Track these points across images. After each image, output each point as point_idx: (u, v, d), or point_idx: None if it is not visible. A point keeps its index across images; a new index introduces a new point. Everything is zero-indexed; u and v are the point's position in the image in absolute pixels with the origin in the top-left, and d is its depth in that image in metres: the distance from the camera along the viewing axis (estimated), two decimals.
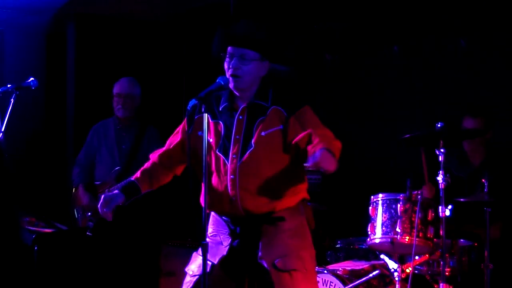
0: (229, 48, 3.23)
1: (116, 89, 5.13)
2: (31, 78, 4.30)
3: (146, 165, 3.42)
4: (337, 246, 4.69)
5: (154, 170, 3.39)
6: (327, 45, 5.26)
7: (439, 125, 3.96)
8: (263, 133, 3.19)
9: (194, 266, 3.27)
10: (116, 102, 5.10)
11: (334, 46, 5.25)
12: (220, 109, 3.31)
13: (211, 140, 3.29)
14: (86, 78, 6.39)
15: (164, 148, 3.43)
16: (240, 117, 3.26)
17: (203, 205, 3.06)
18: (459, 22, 4.97)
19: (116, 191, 3.34)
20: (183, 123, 3.41)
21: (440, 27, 5.05)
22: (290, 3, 5.33)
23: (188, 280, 3.25)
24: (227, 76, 3.22)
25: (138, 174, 3.39)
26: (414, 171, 4.31)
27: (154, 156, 3.44)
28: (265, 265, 3.17)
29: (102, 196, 3.30)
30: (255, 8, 5.26)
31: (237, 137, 3.23)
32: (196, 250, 3.29)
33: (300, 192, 3.28)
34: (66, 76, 6.50)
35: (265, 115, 3.21)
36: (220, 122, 3.30)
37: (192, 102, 3.08)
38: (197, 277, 3.21)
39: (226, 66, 3.23)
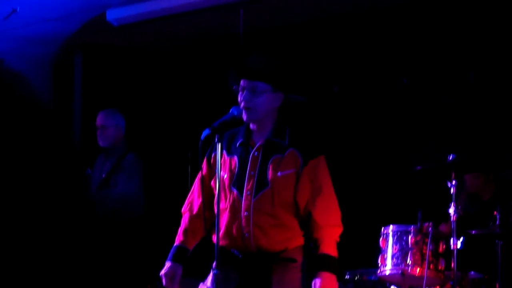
0: (241, 81, 3.23)
1: (96, 121, 5.41)
2: None
3: (183, 222, 3.39)
4: (346, 277, 4.64)
5: (192, 224, 3.36)
6: (335, 77, 5.25)
7: (450, 157, 3.93)
8: (279, 174, 3.18)
9: None
10: (97, 132, 5.36)
11: (342, 77, 5.24)
12: (237, 145, 3.29)
13: (225, 176, 3.28)
14: (93, 109, 6.35)
15: (191, 198, 3.39)
16: (256, 154, 3.24)
17: (214, 240, 3.07)
18: (469, 55, 4.97)
19: (169, 263, 3.31)
20: (204, 169, 3.37)
21: (450, 60, 5.05)
22: (300, 36, 5.34)
23: None
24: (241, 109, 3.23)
25: (180, 236, 3.36)
26: (424, 203, 4.26)
27: (185, 211, 3.40)
28: None
29: (162, 276, 3.28)
30: (265, 40, 5.28)
31: (252, 173, 3.21)
32: (204, 281, 3.26)
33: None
34: (73, 106, 6.51)
35: (283, 155, 3.20)
36: (235, 157, 3.28)
37: (206, 132, 3.07)
38: None
39: (239, 99, 3.23)
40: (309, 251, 3.22)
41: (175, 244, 3.36)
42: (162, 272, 3.29)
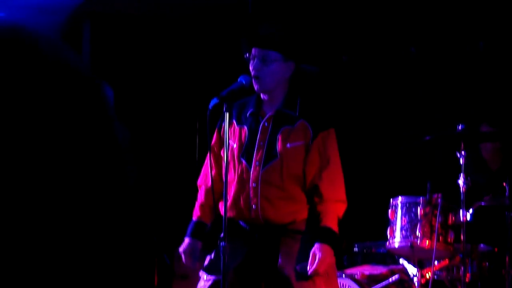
0: (252, 49, 3.19)
1: None
2: None
3: (199, 197, 3.37)
4: (354, 250, 4.61)
5: (208, 198, 3.32)
6: (344, 46, 5.19)
7: (459, 127, 3.88)
8: (288, 145, 3.16)
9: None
10: None
11: (351, 47, 5.18)
12: (247, 115, 3.27)
13: (234, 145, 3.26)
14: (102, 79, 6.32)
15: (206, 171, 3.35)
16: (266, 124, 3.22)
17: (222, 211, 3.07)
18: (478, 25, 4.90)
19: (187, 239, 3.29)
20: (214, 140, 3.36)
21: (459, 29, 4.98)
22: (309, 4, 5.26)
23: (203, 285, 3.20)
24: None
25: (197, 211, 3.34)
26: (434, 174, 4.22)
27: (201, 184, 3.38)
28: (286, 273, 3.11)
29: (181, 253, 3.27)
30: (275, 8, 5.20)
31: (261, 143, 3.19)
32: (210, 253, 3.25)
33: None
34: None
35: (293, 126, 3.18)
36: (245, 127, 3.27)
37: (214, 101, 3.05)
38: (211, 281, 3.16)
39: (250, 68, 3.19)
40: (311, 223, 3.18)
41: (192, 220, 3.34)
42: (181, 249, 3.28)
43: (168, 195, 5.86)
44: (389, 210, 3.99)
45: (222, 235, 2.97)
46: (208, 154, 3.31)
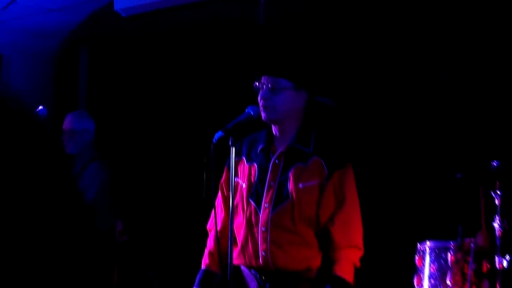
0: (262, 77, 3.23)
1: (63, 124, 5.31)
2: (40, 107, 4.31)
3: (209, 243, 3.40)
4: None
5: (217, 244, 3.33)
6: (367, 73, 5.20)
7: (495, 164, 3.86)
8: (300, 185, 3.17)
9: None
10: (63, 138, 5.28)
11: (375, 73, 5.19)
12: (258, 152, 3.29)
13: (243, 185, 3.28)
14: (99, 108, 6.38)
15: (217, 211, 3.39)
16: (277, 162, 3.24)
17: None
18: None
19: None
20: (223, 178, 3.39)
21: (493, 57, 4.97)
22: (328, 28, 5.28)
23: None
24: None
25: (206, 259, 3.37)
26: (466, 216, 4.20)
27: (211, 228, 3.41)
28: None
29: None
30: (286, 32, 5.24)
31: (272, 183, 3.21)
32: None
33: None
34: (78, 105, 6.54)
35: (306, 164, 3.18)
36: (255, 165, 3.29)
37: (218, 134, 3.07)
38: None
39: (258, 98, 3.23)
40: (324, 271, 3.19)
41: (201, 268, 3.38)
42: None
43: (175, 235, 5.89)
44: (416, 256, 3.94)
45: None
46: (220, 194, 3.35)
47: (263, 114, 3.19)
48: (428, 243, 3.92)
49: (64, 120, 5.30)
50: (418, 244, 3.96)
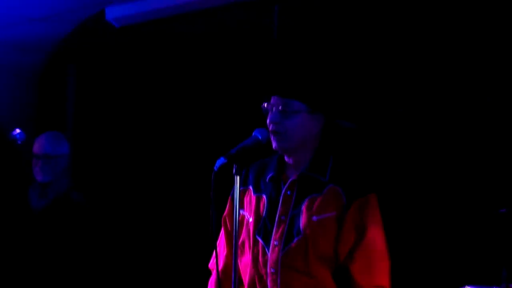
0: (272, 98, 3.18)
1: (34, 148, 5.23)
2: (17, 130, 4.29)
3: (210, 283, 3.39)
4: None
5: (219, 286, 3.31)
6: (399, 96, 5.17)
7: None
8: (314, 218, 3.12)
9: None
10: (34, 163, 5.20)
11: (406, 92, 5.15)
12: (267, 180, 3.26)
13: (250, 218, 3.25)
14: (89, 131, 6.38)
15: (219, 249, 3.39)
16: (288, 193, 3.19)
17: None
18: None
19: None
20: (226, 211, 3.37)
21: None
22: (353, 40, 5.23)
23: None
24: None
25: None
26: (510, 257, 4.16)
27: (213, 268, 3.38)
28: None
29: None
30: (303, 45, 5.20)
31: (283, 218, 3.17)
32: None
33: None
34: (66, 128, 6.56)
35: (320, 194, 3.14)
36: (264, 196, 3.25)
37: (220, 161, 3.03)
38: None
39: (267, 121, 3.18)
40: None
41: None
42: None
43: (174, 278, 5.90)
44: None
45: None
46: (223, 230, 3.33)
47: (273, 142, 3.15)
48: None
49: (36, 143, 5.24)
50: None
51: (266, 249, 3.16)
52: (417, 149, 5.04)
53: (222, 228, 3.37)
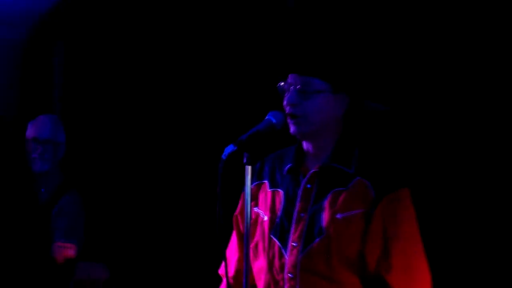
0: (288, 76, 3.15)
1: (31, 132, 5.30)
2: None
3: None
4: None
5: None
6: (430, 69, 5.03)
7: None
8: (339, 216, 3.08)
9: None
10: (32, 149, 5.26)
11: (443, 69, 5.00)
12: (284, 173, 3.22)
13: (265, 217, 3.21)
14: (77, 115, 6.41)
15: (230, 255, 3.39)
16: (308, 186, 3.16)
17: None
18: None
19: None
20: (238, 208, 3.35)
21: None
22: (379, 11, 5.10)
23: None
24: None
25: None
26: None
27: (224, 274, 3.34)
28: None
29: None
30: (324, 17, 5.05)
31: (302, 215, 3.14)
32: None
33: None
34: (52, 111, 6.53)
35: (346, 188, 3.10)
36: (280, 191, 3.22)
37: (229, 148, 2.96)
38: None
39: (284, 102, 3.15)
40: None
41: None
42: None
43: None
44: None
45: None
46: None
47: (291, 127, 3.12)
48: None
49: (33, 126, 5.30)
50: None
51: (283, 251, 3.13)
52: (457, 138, 4.95)
53: (234, 229, 3.37)
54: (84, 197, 5.35)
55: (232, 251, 3.38)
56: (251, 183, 3.12)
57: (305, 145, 3.19)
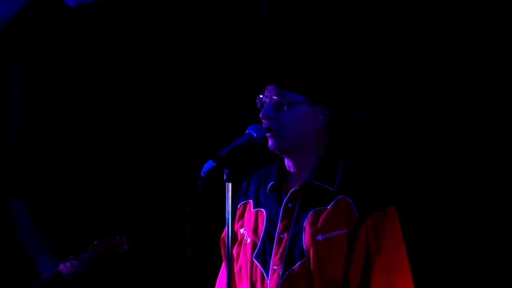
0: (266, 88, 3.14)
1: None
2: None
3: None
4: None
5: None
6: (414, 84, 5.01)
7: None
8: (319, 237, 3.07)
9: None
10: None
11: (425, 84, 5.00)
12: (267, 191, 3.21)
13: (248, 240, 3.20)
14: (36, 130, 6.39)
15: (220, 280, 3.37)
16: (290, 205, 3.17)
17: None
18: None
19: None
20: (225, 229, 3.26)
21: None
22: (359, 17, 5.07)
23: None
24: None
25: None
26: None
27: None
28: None
29: None
30: (296, 25, 5.09)
31: (282, 236, 3.14)
32: None
33: None
34: (10, 126, 6.52)
35: (326, 207, 3.09)
36: (263, 211, 3.20)
37: (209, 165, 2.96)
38: None
39: (260, 115, 3.15)
40: None
41: None
42: None
43: None
44: None
45: None
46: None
47: (268, 141, 3.12)
48: None
49: None
50: None
51: (265, 275, 3.12)
52: (441, 148, 4.92)
53: (222, 250, 3.35)
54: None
55: (221, 276, 3.35)
56: (239, 203, 3.24)
57: (286, 161, 3.18)
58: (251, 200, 3.26)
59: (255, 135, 3.06)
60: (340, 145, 3.18)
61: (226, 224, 2.93)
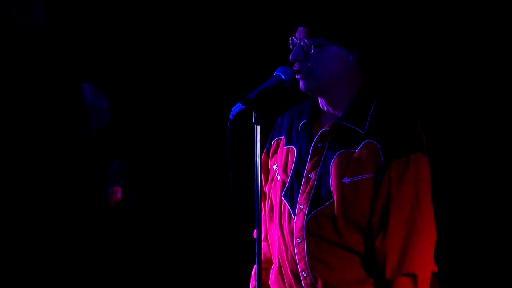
0: (297, 29, 3.18)
1: None
2: None
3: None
4: None
5: (264, 257, 3.32)
6: (441, 26, 5.10)
7: None
8: (345, 180, 3.11)
9: None
10: None
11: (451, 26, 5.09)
12: (299, 129, 3.24)
13: (278, 177, 3.23)
14: None
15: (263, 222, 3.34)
16: (319, 145, 3.19)
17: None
18: None
19: None
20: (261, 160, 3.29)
21: None
22: None
23: None
24: None
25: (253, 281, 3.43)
26: None
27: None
28: None
29: None
30: None
31: (310, 176, 3.16)
32: None
33: None
34: None
35: (354, 150, 3.12)
36: (294, 149, 3.24)
37: (237, 107, 3.00)
38: None
39: (290, 58, 3.19)
40: None
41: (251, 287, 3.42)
42: None
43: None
44: None
45: None
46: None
47: (300, 82, 3.17)
48: None
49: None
50: None
51: (293, 215, 3.15)
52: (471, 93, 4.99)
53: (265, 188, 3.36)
54: None
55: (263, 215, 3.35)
56: (273, 138, 3.28)
57: (320, 100, 3.22)
58: (283, 137, 3.26)
59: (283, 77, 3.10)
60: (373, 86, 3.20)
61: (255, 165, 2.95)
